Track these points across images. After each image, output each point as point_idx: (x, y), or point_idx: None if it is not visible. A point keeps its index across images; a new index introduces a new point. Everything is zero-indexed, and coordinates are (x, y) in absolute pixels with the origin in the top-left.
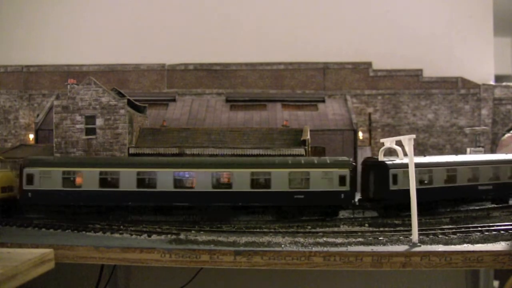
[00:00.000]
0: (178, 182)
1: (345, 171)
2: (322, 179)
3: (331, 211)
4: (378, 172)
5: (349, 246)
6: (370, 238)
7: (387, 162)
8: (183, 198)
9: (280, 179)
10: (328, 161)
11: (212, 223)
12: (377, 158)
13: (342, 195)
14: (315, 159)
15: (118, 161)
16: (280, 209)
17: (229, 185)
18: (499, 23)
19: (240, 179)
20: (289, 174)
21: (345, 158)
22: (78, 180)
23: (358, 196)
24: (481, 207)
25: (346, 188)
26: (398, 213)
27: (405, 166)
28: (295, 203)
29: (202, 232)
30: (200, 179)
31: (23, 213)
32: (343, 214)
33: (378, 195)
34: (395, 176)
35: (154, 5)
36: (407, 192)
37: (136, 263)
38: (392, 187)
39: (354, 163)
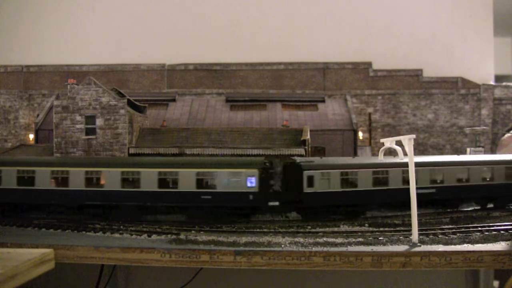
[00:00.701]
0: (88, 181)
1: (254, 172)
2: (230, 179)
3: (243, 213)
4: (293, 174)
5: (349, 246)
6: (370, 238)
7: (301, 163)
8: (94, 196)
9: (187, 179)
10: (237, 161)
11: (212, 223)
12: (295, 160)
13: (251, 196)
14: (225, 159)
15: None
16: (188, 209)
17: (138, 184)
18: (499, 23)
19: (148, 179)
20: (197, 174)
21: (257, 158)
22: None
23: None
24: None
25: (255, 189)
26: (317, 217)
27: (324, 167)
28: (202, 203)
29: (202, 232)
30: (108, 178)
31: None
32: (260, 217)
33: (292, 198)
34: (310, 178)
35: (154, 5)
36: (324, 195)
37: (136, 263)
38: (307, 190)
39: (267, 163)
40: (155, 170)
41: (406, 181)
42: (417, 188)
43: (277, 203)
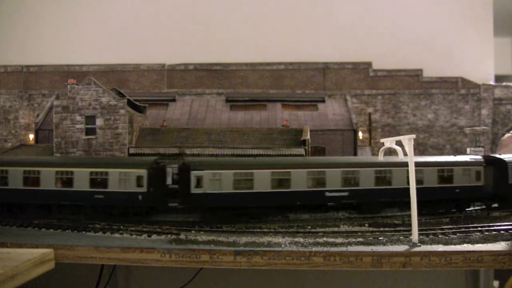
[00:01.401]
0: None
1: (143, 172)
2: (121, 179)
3: (134, 212)
4: (183, 174)
5: (349, 246)
6: (370, 238)
7: (190, 163)
8: (33, 196)
9: (81, 178)
10: (127, 161)
11: (212, 223)
12: (185, 160)
13: (140, 197)
14: (117, 159)
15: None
16: (82, 208)
17: (38, 183)
18: (499, 23)
19: (48, 178)
20: (90, 173)
21: (148, 158)
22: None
23: None
24: (481, 207)
25: (144, 189)
26: (210, 219)
27: (215, 167)
28: (95, 202)
29: (202, 232)
30: (11, 176)
31: None
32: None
33: (182, 198)
34: (198, 179)
35: (154, 5)
36: (214, 196)
37: (136, 263)
38: (194, 190)
39: (160, 163)
40: (53, 169)
41: (312, 183)
42: (326, 191)
43: (176, 204)
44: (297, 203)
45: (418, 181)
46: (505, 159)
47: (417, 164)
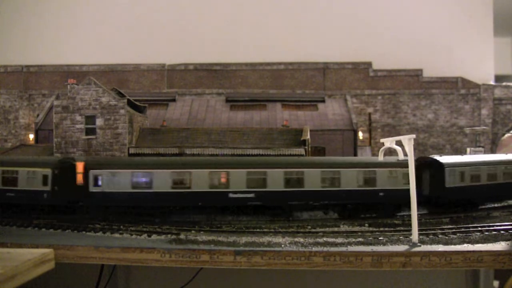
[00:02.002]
0: None
1: (48, 171)
2: (29, 177)
3: (40, 210)
4: (85, 173)
5: (349, 246)
6: (370, 238)
7: (89, 162)
8: None
9: None
10: (35, 160)
11: (212, 223)
12: (85, 159)
13: (45, 195)
14: (27, 158)
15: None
16: None
17: None
18: (499, 23)
19: None
20: (2, 172)
21: (53, 158)
22: None
23: None
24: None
25: (48, 188)
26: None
27: (113, 166)
28: (7, 200)
29: (202, 232)
30: None
31: None
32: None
33: (81, 196)
34: (96, 178)
35: (154, 5)
36: (112, 195)
37: (136, 263)
38: (93, 189)
39: (69, 162)
40: None
41: (215, 183)
42: (230, 193)
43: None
44: (198, 204)
45: (336, 184)
46: (441, 161)
47: (335, 165)
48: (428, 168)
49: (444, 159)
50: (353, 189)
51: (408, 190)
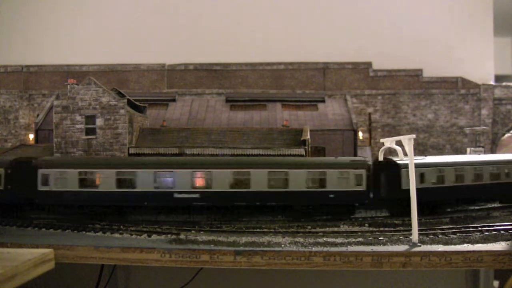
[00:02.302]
0: None
1: (1, 170)
2: None
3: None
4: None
5: (349, 246)
6: (370, 238)
7: (38, 162)
8: None
9: None
10: None
11: (212, 223)
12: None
13: None
14: None
15: None
16: None
17: None
18: (499, 23)
19: None
20: None
21: (7, 157)
22: None
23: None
24: (482, 207)
25: (1, 187)
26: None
27: (61, 166)
28: None
29: (202, 232)
30: None
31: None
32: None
33: (32, 196)
34: (45, 177)
35: (154, 5)
36: (60, 194)
37: (136, 263)
38: (41, 188)
39: (23, 162)
40: None
41: (160, 183)
42: (175, 192)
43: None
44: (144, 203)
45: (283, 185)
46: (398, 162)
47: (282, 166)
48: (385, 169)
49: (401, 160)
50: (302, 191)
51: (361, 191)
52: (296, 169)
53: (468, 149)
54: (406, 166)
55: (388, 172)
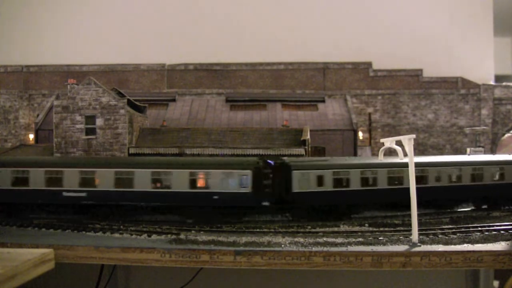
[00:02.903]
0: None
1: None
2: None
3: None
4: None
5: (349, 246)
6: (370, 238)
7: None
8: None
9: None
10: None
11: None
12: None
13: None
14: None
15: None
16: None
17: None
18: (499, 23)
19: None
20: None
21: None
22: None
23: None
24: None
25: None
26: None
27: None
28: None
29: (202, 232)
30: None
31: None
32: None
33: None
34: None
35: (154, 5)
36: None
37: (136, 263)
38: None
39: None
40: None
41: (49, 182)
42: (64, 191)
43: None
44: (37, 201)
45: (167, 185)
46: (290, 164)
47: (165, 165)
48: (278, 171)
49: (298, 161)
50: (184, 191)
51: (246, 193)
52: (179, 169)
53: (468, 149)
54: (297, 168)
55: (280, 174)
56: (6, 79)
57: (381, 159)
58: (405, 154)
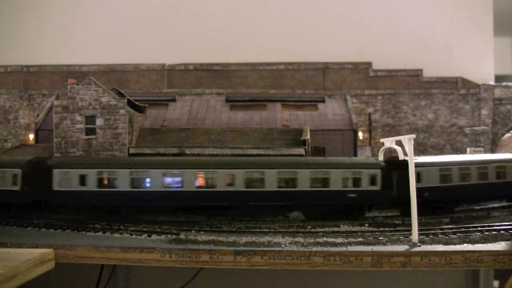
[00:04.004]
0: None
1: None
2: None
3: None
4: None
5: (349, 246)
6: (370, 238)
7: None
8: None
9: None
10: None
11: (212, 223)
12: None
13: None
14: None
15: None
16: None
17: None
18: (499, 23)
19: None
20: None
21: None
22: None
23: None
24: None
25: None
26: None
27: None
28: None
29: (202, 232)
30: None
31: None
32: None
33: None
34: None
35: (154, 5)
36: None
37: (136, 263)
38: None
39: None
40: None
41: None
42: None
43: None
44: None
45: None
46: (49, 163)
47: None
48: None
49: (54, 160)
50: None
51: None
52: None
53: (468, 149)
54: (57, 166)
55: (42, 172)
56: (6, 79)
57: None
58: (405, 154)
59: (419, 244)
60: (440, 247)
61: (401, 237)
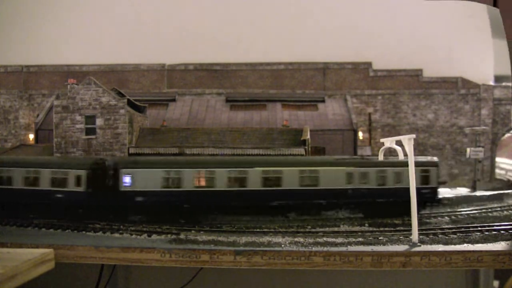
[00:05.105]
0: None
1: None
2: None
3: None
4: None
5: (349, 246)
6: (370, 238)
7: None
8: None
9: None
10: None
11: (212, 223)
12: None
13: None
14: None
15: None
16: None
17: None
18: (499, 23)
19: None
20: None
21: None
22: None
23: None
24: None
25: None
26: None
27: None
28: None
29: (202, 232)
30: None
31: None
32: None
33: None
34: None
35: (154, 5)
36: None
37: (136, 263)
38: None
39: None
40: None
41: None
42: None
43: None
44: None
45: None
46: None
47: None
48: None
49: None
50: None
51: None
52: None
53: (468, 149)
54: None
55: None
56: (6, 79)
57: (381, 158)
58: (405, 154)
59: (419, 244)
60: (440, 247)
61: (401, 237)
